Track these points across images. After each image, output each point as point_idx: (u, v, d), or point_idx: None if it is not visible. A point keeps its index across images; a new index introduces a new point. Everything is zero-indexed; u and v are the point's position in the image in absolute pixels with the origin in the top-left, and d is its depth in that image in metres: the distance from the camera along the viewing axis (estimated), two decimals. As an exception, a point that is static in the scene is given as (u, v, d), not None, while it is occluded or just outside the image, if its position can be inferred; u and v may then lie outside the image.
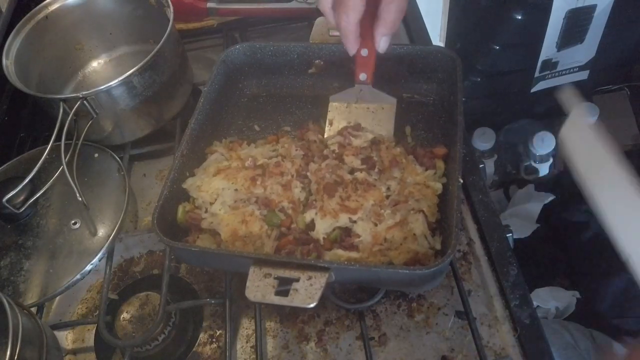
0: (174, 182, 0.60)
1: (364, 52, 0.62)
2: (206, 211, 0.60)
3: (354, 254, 0.54)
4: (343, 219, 0.57)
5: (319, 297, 0.48)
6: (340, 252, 0.55)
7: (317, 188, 0.60)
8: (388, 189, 0.59)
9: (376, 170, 0.61)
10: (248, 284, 0.50)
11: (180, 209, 0.60)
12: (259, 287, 0.49)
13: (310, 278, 0.49)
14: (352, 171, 0.62)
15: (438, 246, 0.55)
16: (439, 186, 0.59)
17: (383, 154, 0.62)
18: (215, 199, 0.60)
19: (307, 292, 0.48)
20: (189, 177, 0.63)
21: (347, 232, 0.57)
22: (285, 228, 0.58)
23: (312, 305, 0.48)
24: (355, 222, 0.57)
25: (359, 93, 0.67)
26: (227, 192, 0.60)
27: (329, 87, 0.73)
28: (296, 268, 0.50)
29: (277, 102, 0.74)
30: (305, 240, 0.57)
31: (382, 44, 0.60)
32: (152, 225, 0.54)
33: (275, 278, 0.49)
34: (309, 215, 0.58)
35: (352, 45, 0.59)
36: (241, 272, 0.54)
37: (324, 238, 0.57)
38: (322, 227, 0.57)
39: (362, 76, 0.66)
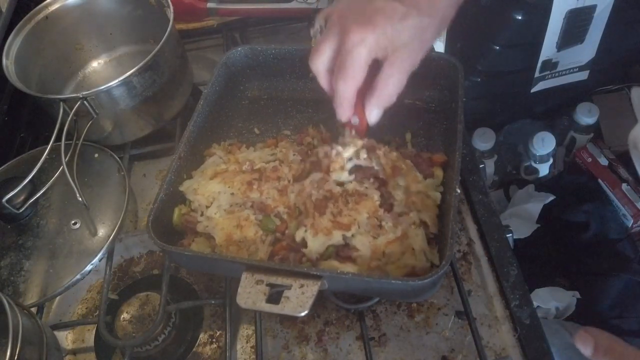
0: (170, 185, 0.59)
1: (355, 120, 0.57)
2: (202, 214, 0.59)
3: (349, 267, 0.53)
4: (337, 237, 0.54)
5: (311, 306, 0.47)
6: (335, 263, 0.53)
7: (305, 208, 0.57)
8: (381, 196, 0.57)
9: (371, 180, 0.58)
10: (239, 290, 0.49)
11: (177, 211, 0.60)
12: (250, 293, 0.49)
13: (302, 286, 0.48)
14: (341, 182, 0.59)
15: (436, 261, 0.53)
16: (438, 196, 0.58)
17: (383, 160, 0.59)
18: (212, 203, 0.60)
19: (299, 300, 0.48)
20: (187, 179, 0.62)
21: (344, 246, 0.55)
22: (280, 233, 0.57)
23: (302, 314, 0.47)
24: (353, 236, 0.54)
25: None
26: (223, 195, 0.60)
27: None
28: (288, 275, 0.49)
29: (278, 106, 0.74)
30: (299, 247, 0.56)
31: (373, 116, 0.55)
32: (146, 228, 0.54)
33: (267, 285, 0.49)
34: (299, 234, 0.56)
35: (346, 113, 0.55)
36: (234, 277, 0.53)
37: (317, 258, 0.54)
38: (315, 246, 0.54)
39: None
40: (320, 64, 0.55)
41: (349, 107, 0.55)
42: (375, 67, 0.53)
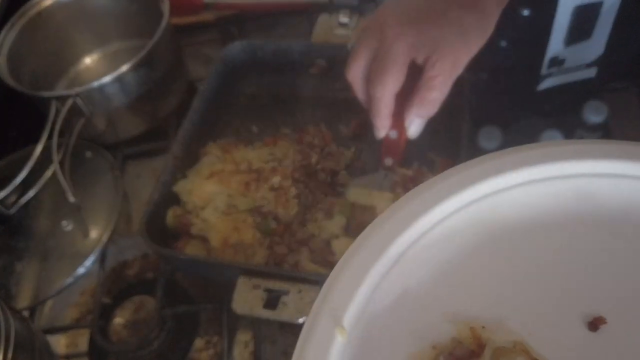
0: (165, 185, 0.58)
1: (393, 134, 0.53)
2: (197, 216, 0.58)
3: None
4: None
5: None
6: None
7: (313, 197, 0.54)
8: None
9: None
10: (235, 295, 0.48)
11: (171, 213, 0.59)
12: (247, 299, 0.48)
13: (300, 291, 0.47)
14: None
15: None
16: None
17: None
18: (207, 204, 0.58)
19: (296, 306, 0.46)
20: (181, 179, 0.61)
21: None
22: (278, 237, 0.55)
23: (301, 321, 0.46)
24: None
25: (383, 179, 0.58)
26: (219, 197, 0.58)
27: (331, 88, 0.71)
28: (286, 280, 0.48)
29: (277, 103, 0.72)
30: (297, 246, 0.54)
31: (414, 127, 0.51)
32: (140, 231, 0.52)
33: (264, 290, 0.48)
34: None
35: (383, 123, 0.50)
36: (230, 281, 0.52)
37: None
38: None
39: (388, 161, 0.57)
40: (356, 70, 0.50)
41: (387, 115, 0.49)
42: (416, 77, 0.49)
